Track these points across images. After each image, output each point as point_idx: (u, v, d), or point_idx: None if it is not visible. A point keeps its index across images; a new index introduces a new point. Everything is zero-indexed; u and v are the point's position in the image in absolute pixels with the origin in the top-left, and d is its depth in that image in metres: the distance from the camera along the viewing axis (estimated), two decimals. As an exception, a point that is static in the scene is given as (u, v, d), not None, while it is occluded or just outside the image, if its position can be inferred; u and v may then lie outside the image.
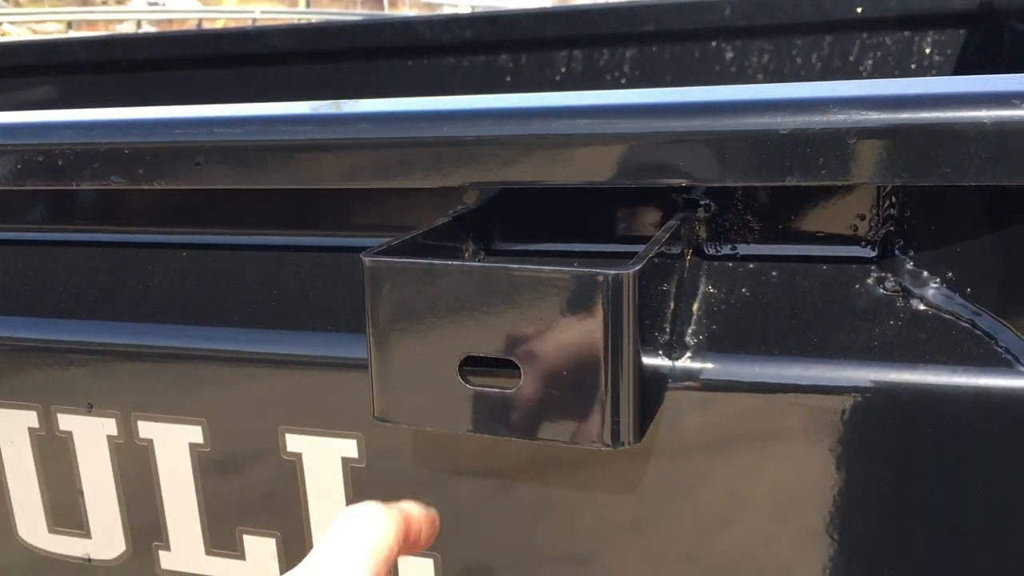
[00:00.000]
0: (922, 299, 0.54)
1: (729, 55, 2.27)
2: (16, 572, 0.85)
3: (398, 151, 0.58)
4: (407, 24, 3.03)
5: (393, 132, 0.59)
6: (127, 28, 25.14)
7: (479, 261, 0.68)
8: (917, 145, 0.46)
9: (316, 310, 0.70)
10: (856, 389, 0.53)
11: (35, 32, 23.65)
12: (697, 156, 0.51)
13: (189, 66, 2.55)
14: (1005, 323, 0.52)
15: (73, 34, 19.72)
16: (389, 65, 2.60)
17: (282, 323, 0.69)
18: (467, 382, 0.52)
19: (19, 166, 0.68)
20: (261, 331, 0.70)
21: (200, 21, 28.67)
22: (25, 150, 0.69)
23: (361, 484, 0.67)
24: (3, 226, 0.86)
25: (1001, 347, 0.51)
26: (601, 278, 0.50)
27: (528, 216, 0.66)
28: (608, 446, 0.50)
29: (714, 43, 2.26)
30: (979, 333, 0.52)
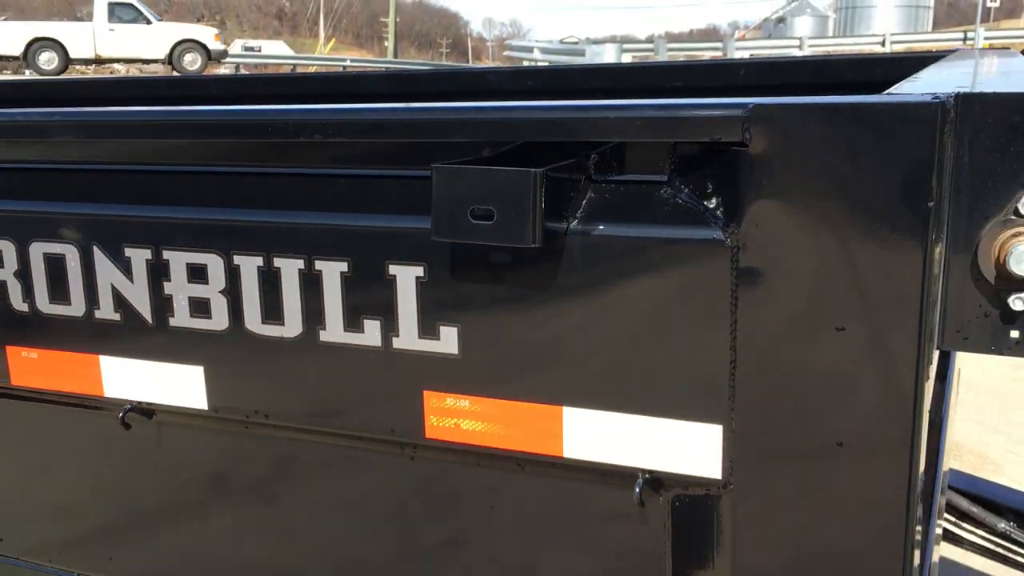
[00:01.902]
0: (677, 194, 1.13)
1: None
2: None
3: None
4: (480, 73, 3.68)
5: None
6: (226, 70, 26.63)
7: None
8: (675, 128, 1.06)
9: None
10: (652, 239, 1.12)
11: (142, 71, 25.03)
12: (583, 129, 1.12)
13: (290, 102, 3.22)
14: (706, 205, 1.10)
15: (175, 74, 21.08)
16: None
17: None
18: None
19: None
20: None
21: (294, 67, 30.06)
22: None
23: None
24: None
25: (703, 214, 1.10)
26: (530, 176, 1.09)
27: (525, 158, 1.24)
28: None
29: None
30: (696, 207, 1.11)
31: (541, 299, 1.22)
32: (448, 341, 1.28)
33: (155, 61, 24.53)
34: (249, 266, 1.37)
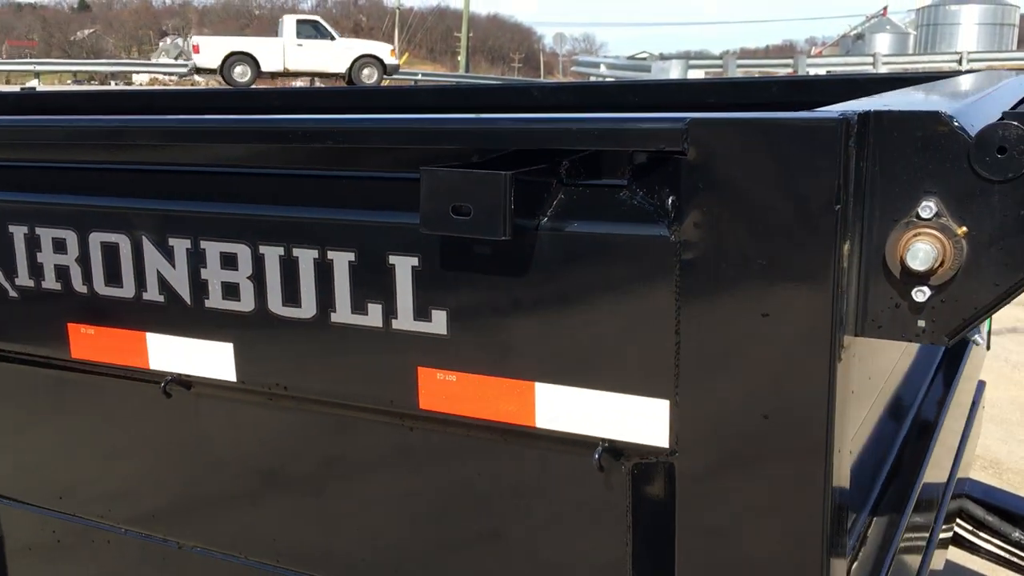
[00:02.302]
0: (633, 196, 1.29)
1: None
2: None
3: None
4: (552, 88, 3.88)
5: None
6: (300, 83, 27.41)
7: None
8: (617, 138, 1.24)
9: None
10: (611, 236, 1.29)
11: (220, 83, 25.90)
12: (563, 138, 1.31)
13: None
14: (656, 206, 1.26)
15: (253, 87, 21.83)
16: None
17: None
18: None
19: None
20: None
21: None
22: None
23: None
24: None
25: (653, 214, 1.26)
26: (500, 178, 1.27)
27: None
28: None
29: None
30: (648, 208, 1.27)
31: (516, 287, 1.40)
32: (439, 323, 1.46)
33: (336, 75, 25.98)
34: (272, 255, 1.57)
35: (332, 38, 26.55)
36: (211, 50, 26.07)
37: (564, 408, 1.41)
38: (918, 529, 2.13)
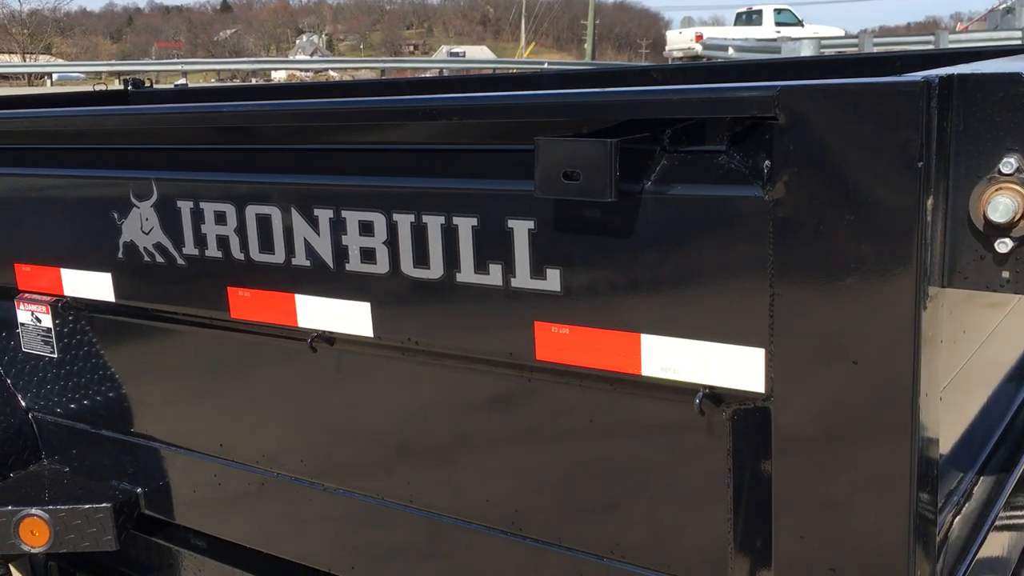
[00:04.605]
0: (730, 161, 1.40)
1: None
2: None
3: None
4: (672, 70, 3.97)
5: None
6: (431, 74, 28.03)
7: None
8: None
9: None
10: (710, 197, 1.40)
11: (353, 77, 26.74)
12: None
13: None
14: (751, 169, 1.37)
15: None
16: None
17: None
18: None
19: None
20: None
21: (495, 70, 31.06)
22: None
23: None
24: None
25: (749, 176, 1.37)
26: (605, 145, 1.41)
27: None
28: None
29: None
30: (744, 171, 1.38)
31: (622, 246, 1.53)
32: (553, 280, 1.61)
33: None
34: (404, 222, 1.75)
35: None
36: None
37: (668, 357, 1.53)
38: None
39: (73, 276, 2.32)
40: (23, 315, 2.50)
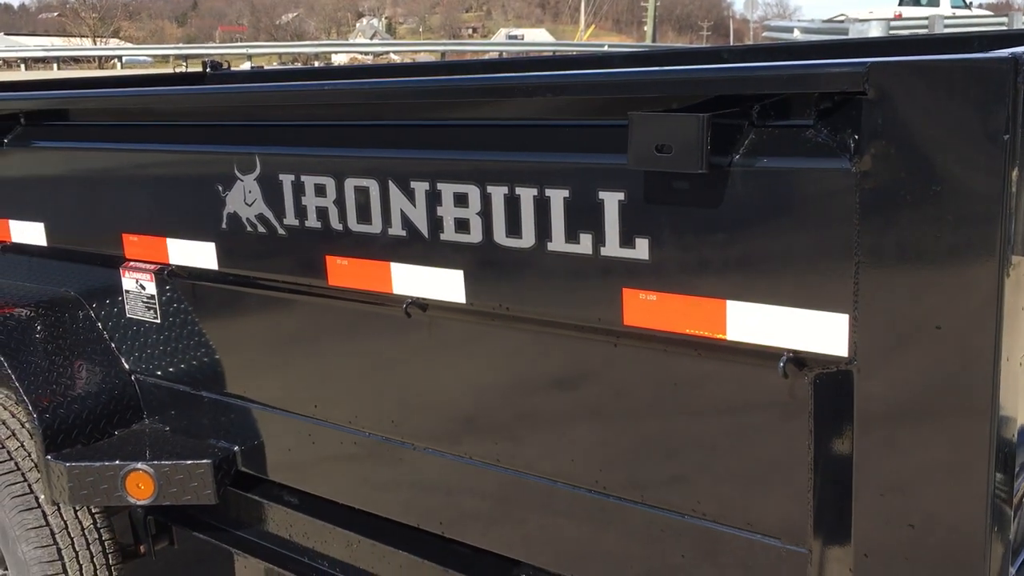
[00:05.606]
0: (818, 135, 1.47)
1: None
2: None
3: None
4: (742, 50, 4.02)
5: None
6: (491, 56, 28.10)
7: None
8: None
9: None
10: (798, 170, 1.48)
11: (413, 60, 26.93)
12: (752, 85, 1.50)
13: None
14: (839, 142, 1.45)
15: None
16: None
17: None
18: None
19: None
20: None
21: (555, 52, 31.03)
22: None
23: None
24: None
25: (836, 149, 1.44)
26: (697, 119, 1.48)
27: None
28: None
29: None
30: (832, 144, 1.45)
31: (710, 216, 1.61)
32: (641, 249, 1.69)
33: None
34: (498, 194, 1.84)
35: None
36: None
37: (753, 322, 1.61)
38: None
39: (178, 245, 2.46)
40: (128, 282, 2.65)
